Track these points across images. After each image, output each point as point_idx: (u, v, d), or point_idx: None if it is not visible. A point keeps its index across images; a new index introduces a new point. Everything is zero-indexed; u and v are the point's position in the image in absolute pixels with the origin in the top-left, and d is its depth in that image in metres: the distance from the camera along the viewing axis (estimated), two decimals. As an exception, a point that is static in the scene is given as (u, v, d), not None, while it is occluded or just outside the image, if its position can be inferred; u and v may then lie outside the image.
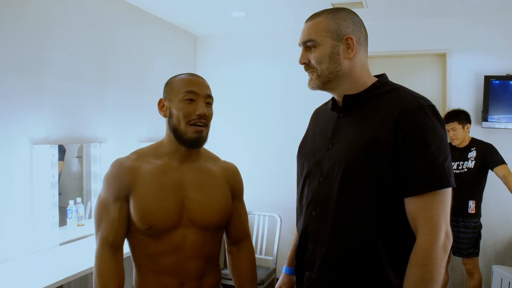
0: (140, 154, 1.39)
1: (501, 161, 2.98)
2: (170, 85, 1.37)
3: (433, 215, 1.11)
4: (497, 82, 3.34)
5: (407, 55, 3.71)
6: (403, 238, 1.18)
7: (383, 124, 1.15)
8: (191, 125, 1.31)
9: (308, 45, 1.25)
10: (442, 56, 3.63)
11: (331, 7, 3.28)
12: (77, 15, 2.73)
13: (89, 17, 2.83)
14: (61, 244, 2.50)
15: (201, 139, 1.35)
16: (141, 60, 3.41)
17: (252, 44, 4.13)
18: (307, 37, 1.25)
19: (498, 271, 3.17)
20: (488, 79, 3.34)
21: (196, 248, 1.34)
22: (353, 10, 1.27)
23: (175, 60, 3.93)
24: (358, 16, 1.26)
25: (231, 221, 1.49)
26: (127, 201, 1.32)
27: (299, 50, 1.33)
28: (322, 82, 1.25)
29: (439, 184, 1.11)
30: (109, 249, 1.31)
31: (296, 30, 4.07)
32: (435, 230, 1.10)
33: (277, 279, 3.70)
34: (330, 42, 1.21)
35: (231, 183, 1.48)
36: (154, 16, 3.59)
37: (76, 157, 3.05)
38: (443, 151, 1.13)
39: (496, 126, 3.36)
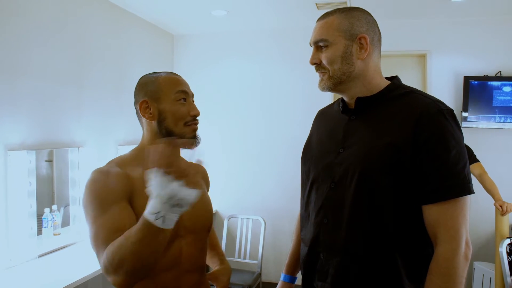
0: (119, 163, 1.23)
1: (475, 159, 3.03)
2: (153, 85, 1.25)
3: (454, 223, 1.08)
4: (475, 82, 3.41)
5: (387, 55, 3.71)
6: (419, 245, 1.15)
7: (401, 128, 1.12)
8: (187, 126, 1.25)
9: (319, 45, 1.19)
10: (422, 57, 3.67)
11: (315, 6, 3.27)
12: (52, 11, 2.57)
13: (65, 13, 2.68)
14: (39, 256, 2.34)
15: (198, 138, 1.29)
16: (118, 60, 3.26)
17: (231, 43, 4.05)
18: (319, 37, 1.19)
19: (480, 267, 3.25)
20: (467, 79, 3.41)
21: (192, 259, 1.27)
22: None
23: (152, 60, 3.79)
24: (372, 16, 1.22)
25: None
26: (130, 204, 1.15)
27: (281, 49, 1.29)
28: (333, 83, 1.20)
29: (460, 191, 1.08)
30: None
31: (278, 29, 4.07)
32: (456, 238, 1.07)
33: (262, 282, 3.66)
34: (342, 41, 1.17)
35: (205, 182, 1.47)
36: (130, 13, 3.45)
37: (45, 161, 2.89)
38: (462, 157, 1.10)
39: (476, 126, 3.43)
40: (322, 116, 1.42)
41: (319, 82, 1.23)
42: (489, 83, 3.40)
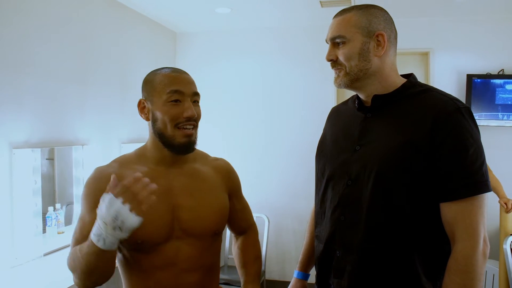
0: (122, 162, 1.26)
1: None
2: (150, 84, 1.22)
3: (472, 221, 1.08)
4: (478, 80, 3.42)
5: (390, 54, 3.72)
6: (436, 243, 1.15)
7: (419, 126, 1.12)
8: (178, 128, 1.19)
9: (336, 42, 1.19)
10: (425, 55, 3.68)
11: (319, 4, 3.26)
12: (56, 9, 2.54)
13: (68, 11, 2.65)
14: (44, 255, 2.33)
15: (191, 143, 1.23)
16: (121, 58, 3.25)
17: (235, 42, 4.03)
18: (336, 33, 1.19)
19: (483, 265, 3.26)
20: (470, 77, 3.41)
21: (191, 260, 1.23)
22: (340, 7, 1.22)
23: (154, 57, 3.78)
24: (389, 14, 1.21)
25: (232, 219, 1.41)
26: None
27: (284, 48, 1.28)
28: (350, 80, 1.20)
29: (478, 189, 1.08)
30: None
31: (282, 27, 4.05)
32: (475, 236, 1.08)
33: (266, 280, 3.66)
34: (360, 38, 1.16)
35: (227, 181, 1.36)
36: (133, 11, 3.43)
37: (46, 159, 2.87)
38: (480, 155, 1.11)
39: (478, 124, 3.42)
40: (337, 114, 1.42)
41: (334, 79, 1.23)
42: (492, 81, 3.41)
